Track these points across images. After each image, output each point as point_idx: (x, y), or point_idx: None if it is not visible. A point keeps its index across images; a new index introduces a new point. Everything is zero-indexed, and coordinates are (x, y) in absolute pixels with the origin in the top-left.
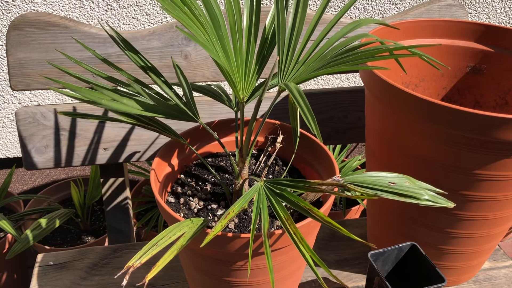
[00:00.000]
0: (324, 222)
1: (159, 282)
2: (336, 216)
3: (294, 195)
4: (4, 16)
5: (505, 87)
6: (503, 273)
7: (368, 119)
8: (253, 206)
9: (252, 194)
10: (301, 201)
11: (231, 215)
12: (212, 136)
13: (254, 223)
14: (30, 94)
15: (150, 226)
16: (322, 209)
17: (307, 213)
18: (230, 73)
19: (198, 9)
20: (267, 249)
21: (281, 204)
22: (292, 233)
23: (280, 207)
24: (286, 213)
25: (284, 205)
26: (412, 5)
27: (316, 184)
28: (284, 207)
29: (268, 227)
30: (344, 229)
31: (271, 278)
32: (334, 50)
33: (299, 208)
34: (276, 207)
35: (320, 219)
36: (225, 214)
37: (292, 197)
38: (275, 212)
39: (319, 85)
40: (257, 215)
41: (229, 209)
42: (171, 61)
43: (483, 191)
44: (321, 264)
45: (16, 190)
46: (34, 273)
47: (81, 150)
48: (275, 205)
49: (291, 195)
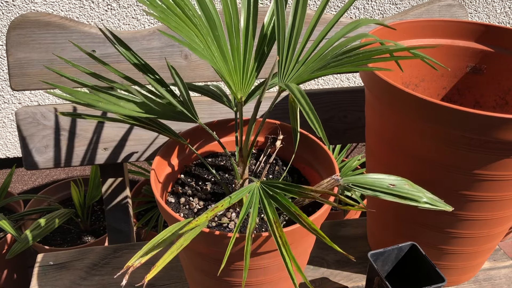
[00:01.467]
0: (311, 230)
1: (159, 282)
2: (336, 216)
3: (286, 199)
4: (4, 16)
5: (505, 87)
6: (503, 273)
7: (368, 119)
8: (243, 205)
9: (246, 192)
10: (292, 206)
11: (218, 208)
12: (212, 136)
13: (241, 221)
14: (30, 94)
15: (150, 226)
16: (314, 216)
17: (296, 219)
18: (226, 74)
19: (192, 10)
20: (247, 248)
21: (272, 207)
22: (278, 236)
23: (271, 209)
24: (275, 215)
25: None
26: (412, 5)
27: (308, 190)
28: (275, 209)
29: (254, 226)
30: (328, 239)
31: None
32: (334, 51)
33: (288, 213)
34: (267, 209)
35: (307, 226)
36: (213, 206)
37: (284, 201)
38: (265, 213)
39: (319, 85)
40: (246, 214)
41: (218, 203)
42: (171, 61)
43: (483, 191)
44: (300, 272)
45: (16, 190)
46: (34, 273)
47: (81, 150)
48: (266, 207)
49: (283, 198)
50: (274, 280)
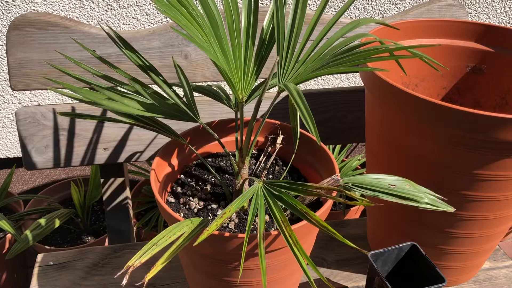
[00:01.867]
0: (320, 226)
1: (159, 282)
2: (336, 216)
3: (292, 197)
4: (4, 16)
5: (505, 87)
6: (503, 273)
7: (368, 119)
8: (250, 207)
9: (250, 195)
10: (298, 204)
11: (227, 214)
12: (212, 136)
13: (250, 223)
14: (30, 94)
15: (150, 226)
16: (319, 212)
17: (303, 216)
18: (229, 73)
19: (195, 9)
20: (261, 250)
21: (278, 206)
22: (288, 236)
23: (277, 209)
24: (282, 215)
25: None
26: (412, 5)
27: (313, 187)
28: (281, 209)
29: (264, 228)
30: (339, 235)
31: (263, 280)
32: (334, 50)
33: (295, 211)
34: (274, 208)
35: (316, 223)
36: (221, 213)
37: (289, 199)
38: (272, 213)
39: (319, 85)
40: (254, 216)
41: (225, 208)
42: (171, 61)
43: (483, 191)
44: (314, 267)
45: (16, 190)
46: (34, 273)
47: (81, 150)
48: (273, 206)
49: (288, 197)
50: (278, 279)
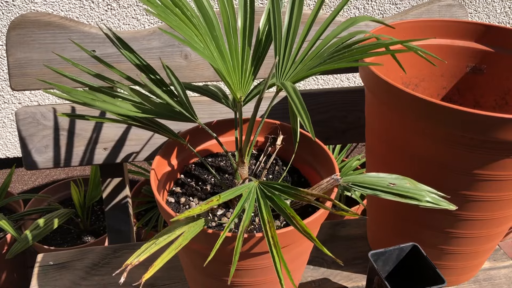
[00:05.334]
0: (303, 233)
1: (159, 282)
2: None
3: (283, 200)
4: (4, 16)
5: (505, 87)
6: (503, 273)
7: (368, 119)
8: (239, 202)
9: (242, 190)
10: (287, 208)
11: (214, 202)
12: (212, 136)
13: (233, 218)
14: (30, 94)
15: (150, 226)
16: (308, 219)
17: (290, 220)
18: (225, 73)
19: (190, 10)
20: (237, 246)
21: (267, 207)
22: (270, 237)
23: (266, 210)
24: (270, 216)
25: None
26: (412, 5)
27: (304, 193)
28: (270, 210)
29: (247, 224)
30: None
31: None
32: (331, 48)
33: (283, 214)
34: (262, 209)
35: (300, 229)
36: (207, 200)
37: (280, 202)
38: (260, 213)
39: (319, 85)
40: (240, 210)
41: (213, 196)
42: (171, 61)
43: (483, 191)
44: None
45: (16, 190)
46: (34, 273)
47: (80, 150)
48: (262, 206)
49: (279, 199)
50: (275, 280)
